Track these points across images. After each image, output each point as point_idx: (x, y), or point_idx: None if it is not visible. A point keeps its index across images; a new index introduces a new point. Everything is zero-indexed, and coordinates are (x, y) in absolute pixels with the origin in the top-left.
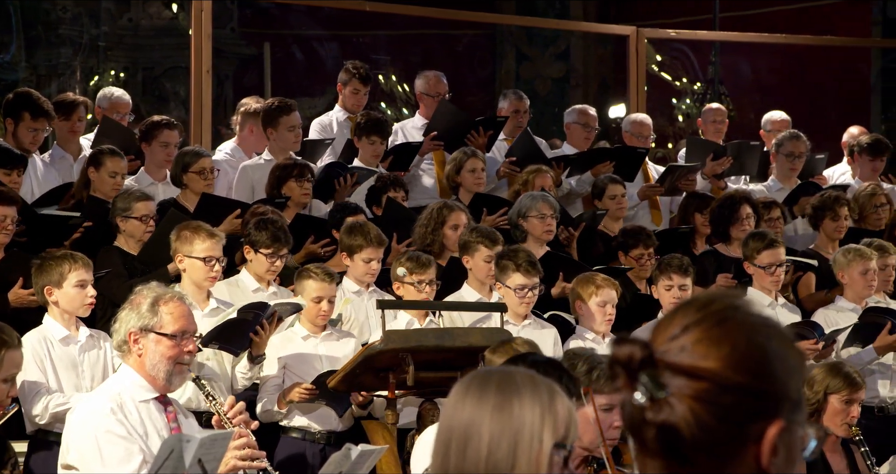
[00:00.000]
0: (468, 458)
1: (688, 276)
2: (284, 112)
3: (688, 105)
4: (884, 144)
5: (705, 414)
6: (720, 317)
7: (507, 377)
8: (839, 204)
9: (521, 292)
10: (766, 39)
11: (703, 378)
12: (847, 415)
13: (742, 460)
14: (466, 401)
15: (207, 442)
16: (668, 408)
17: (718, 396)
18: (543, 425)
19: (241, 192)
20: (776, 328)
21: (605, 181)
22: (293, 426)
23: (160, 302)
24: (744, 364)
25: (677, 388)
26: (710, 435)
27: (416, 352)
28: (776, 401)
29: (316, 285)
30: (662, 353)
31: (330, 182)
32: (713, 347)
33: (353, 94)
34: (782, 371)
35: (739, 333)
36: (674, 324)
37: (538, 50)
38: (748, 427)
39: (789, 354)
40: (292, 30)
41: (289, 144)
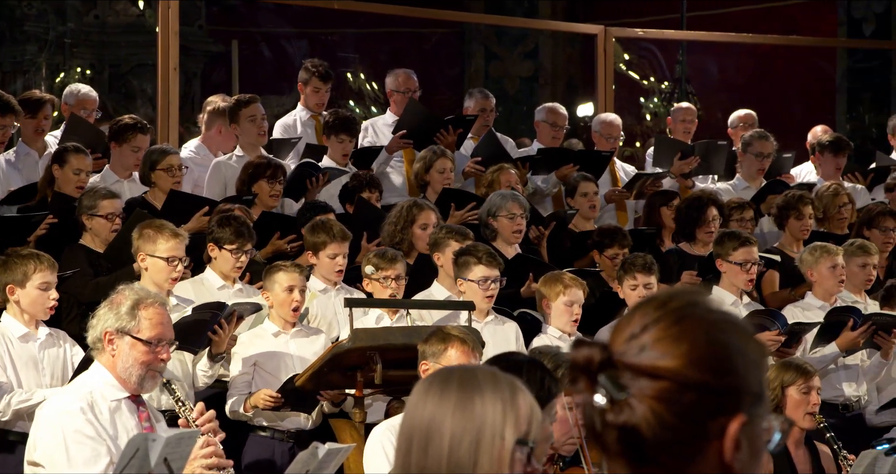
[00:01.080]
0: (430, 456)
1: (652, 275)
2: (243, 105)
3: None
4: (844, 142)
5: (666, 413)
6: (679, 314)
7: (468, 374)
8: (803, 203)
9: (484, 284)
10: (733, 39)
11: (662, 377)
12: (808, 404)
13: (705, 457)
14: (428, 399)
15: (173, 441)
16: (628, 410)
17: (679, 395)
18: (505, 422)
19: (214, 189)
20: (735, 322)
21: (577, 179)
22: (261, 425)
23: (141, 305)
24: (703, 361)
25: (637, 389)
26: (672, 434)
27: (384, 350)
28: (737, 396)
29: (286, 276)
30: (621, 354)
31: (302, 181)
32: (672, 346)
33: (314, 92)
34: (743, 365)
35: (698, 330)
36: (633, 323)
37: (507, 49)
38: (710, 423)
39: (749, 348)
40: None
41: (253, 136)
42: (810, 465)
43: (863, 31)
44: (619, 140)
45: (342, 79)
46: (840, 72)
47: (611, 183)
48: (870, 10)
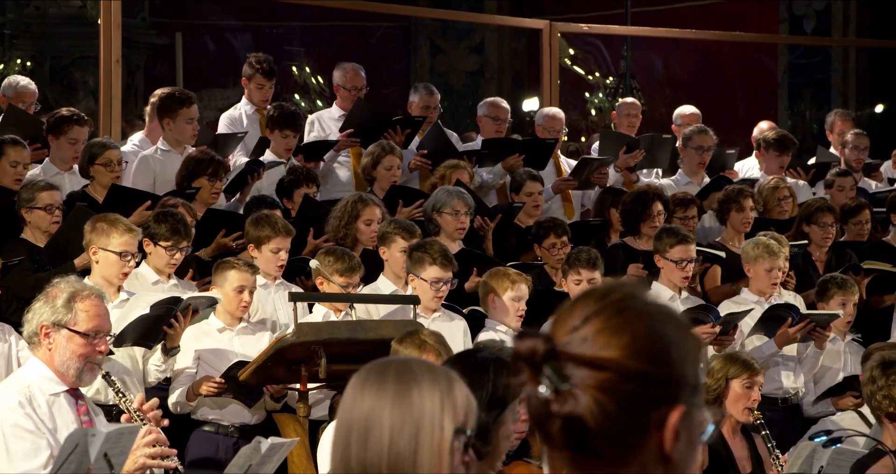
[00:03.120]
0: (370, 449)
1: (596, 270)
2: (185, 104)
3: (600, 99)
4: (789, 140)
5: (609, 403)
6: (619, 306)
7: (404, 366)
8: (743, 196)
9: (436, 285)
10: (677, 34)
11: (605, 368)
12: (748, 399)
13: (646, 447)
14: (365, 392)
15: (114, 437)
16: (572, 400)
17: (621, 385)
18: (443, 412)
19: (142, 183)
20: (672, 315)
21: (523, 177)
22: (205, 419)
23: (77, 298)
24: (644, 352)
25: (580, 379)
26: (615, 425)
27: (329, 344)
28: (677, 387)
29: (238, 275)
30: (564, 345)
31: (244, 177)
32: (614, 337)
33: (257, 89)
34: (680, 357)
35: (638, 322)
36: (574, 315)
37: (452, 43)
38: (651, 414)
39: (686, 340)
40: (205, 20)
41: (186, 137)
42: (747, 451)
43: (804, 27)
44: (563, 133)
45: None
46: (781, 68)
47: (555, 175)
48: (810, 7)
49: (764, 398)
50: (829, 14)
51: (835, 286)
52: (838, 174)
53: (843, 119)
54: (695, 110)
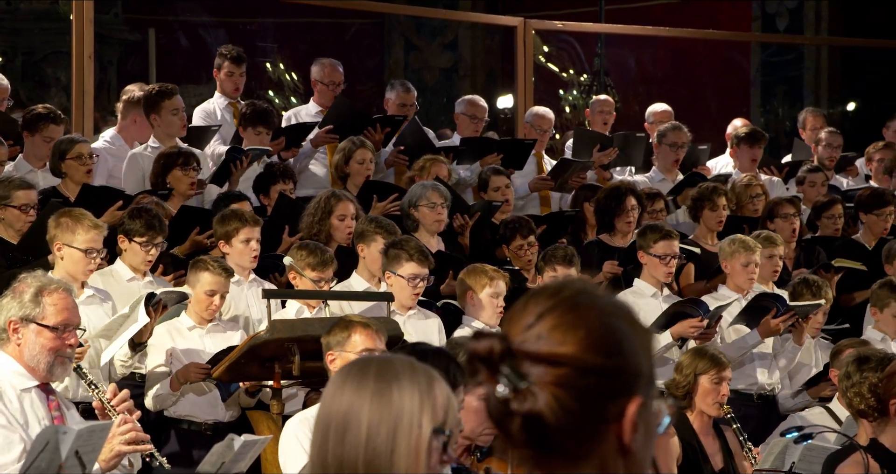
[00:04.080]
0: (347, 445)
1: (572, 267)
2: (166, 96)
3: (574, 96)
4: (760, 134)
5: (568, 398)
6: (572, 302)
7: (385, 364)
8: (717, 194)
9: (413, 281)
10: (650, 32)
11: (562, 363)
12: (717, 394)
13: (605, 440)
14: (345, 389)
15: (85, 434)
16: (531, 397)
17: (578, 379)
18: (422, 411)
19: (132, 182)
20: (624, 308)
21: (488, 173)
22: (179, 417)
23: (44, 292)
24: (599, 345)
25: (538, 376)
26: (574, 419)
27: (302, 341)
28: (633, 379)
29: (211, 278)
30: (520, 343)
31: (227, 166)
32: (569, 332)
33: (227, 77)
34: (634, 349)
35: (592, 316)
36: (527, 313)
37: (426, 40)
38: (609, 406)
39: (638, 332)
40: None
41: (174, 129)
42: (719, 446)
43: (776, 25)
44: (549, 132)
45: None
46: (754, 65)
47: (537, 174)
48: (783, 5)
49: (739, 393)
50: (802, 12)
51: (808, 292)
52: (810, 170)
53: (815, 116)
54: (667, 108)
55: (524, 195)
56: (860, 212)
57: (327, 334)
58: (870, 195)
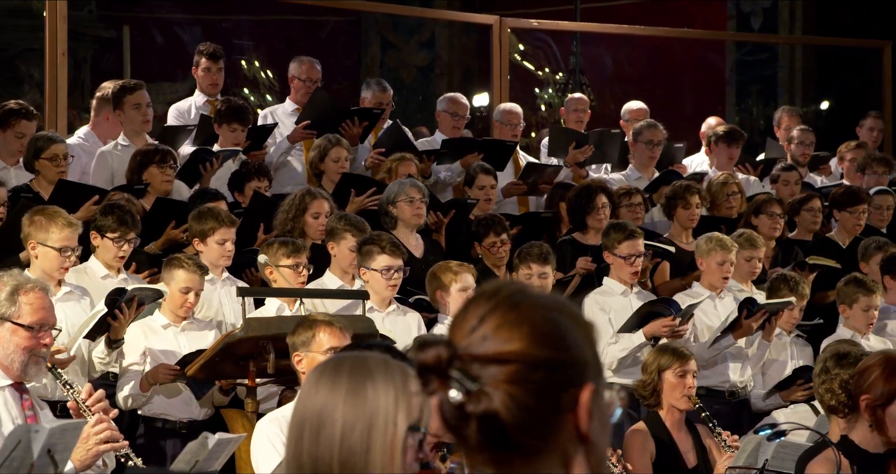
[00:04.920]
0: (322, 444)
1: (548, 264)
2: (128, 91)
3: (550, 94)
4: (738, 133)
5: (522, 394)
6: (512, 300)
7: (359, 362)
8: (690, 192)
9: (387, 273)
10: (626, 31)
11: (511, 360)
12: (684, 388)
13: (562, 431)
14: (320, 388)
15: (58, 433)
16: (485, 398)
17: (529, 374)
18: (397, 408)
19: (100, 179)
20: (563, 303)
21: (476, 170)
22: (153, 415)
23: (20, 291)
24: (545, 338)
25: (490, 377)
26: (531, 414)
27: (277, 339)
28: (581, 367)
29: (186, 275)
30: (466, 347)
31: (195, 167)
32: (514, 329)
33: (205, 73)
34: (578, 340)
35: (534, 312)
36: (469, 317)
37: (403, 38)
38: (563, 396)
39: (579, 325)
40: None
41: (137, 124)
42: (692, 444)
43: (751, 24)
44: (520, 128)
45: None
46: (729, 64)
47: (514, 172)
48: (757, 4)
49: (711, 391)
50: (776, 11)
51: (786, 288)
52: (783, 169)
53: (790, 115)
54: (642, 105)
55: (499, 201)
56: (834, 209)
57: (292, 334)
58: (844, 193)
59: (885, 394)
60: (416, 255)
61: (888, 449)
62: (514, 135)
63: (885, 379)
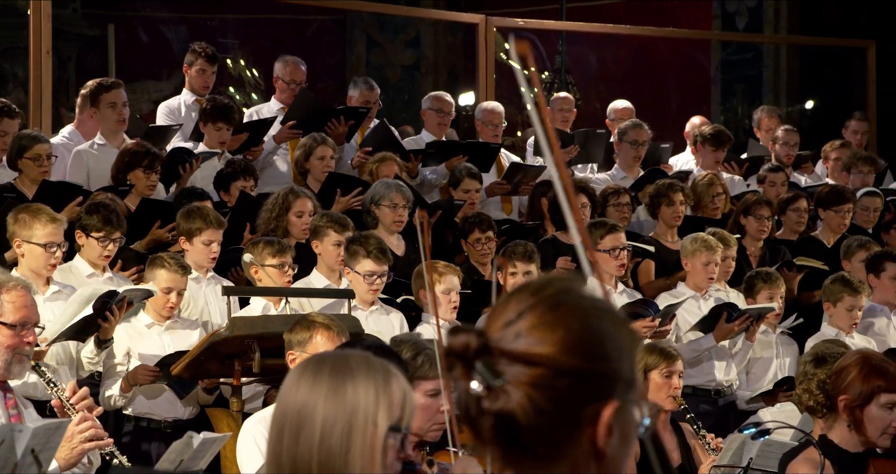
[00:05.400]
0: (301, 444)
1: (532, 263)
2: (104, 89)
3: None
4: (726, 136)
5: (542, 399)
6: (554, 301)
7: (341, 360)
8: (673, 190)
9: (370, 278)
10: (611, 30)
11: (538, 364)
12: (670, 388)
13: (578, 443)
14: (300, 386)
15: (41, 432)
16: (504, 396)
17: (554, 381)
18: (378, 408)
19: (76, 178)
20: (609, 310)
21: (462, 173)
22: (138, 415)
23: (2, 289)
24: (578, 347)
25: (513, 375)
26: (547, 420)
27: (263, 338)
28: (610, 382)
29: (168, 276)
30: (498, 341)
31: (174, 167)
32: (548, 332)
33: (199, 74)
34: (616, 352)
35: (573, 317)
36: (508, 309)
37: (388, 37)
38: (584, 409)
39: (622, 335)
40: (138, 11)
41: (112, 123)
42: (676, 443)
43: (736, 24)
44: (502, 127)
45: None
46: (714, 64)
47: (496, 172)
48: (743, 4)
49: (696, 390)
50: (761, 11)
51: (761, 281)
52: (770, 169)
53: (770, 115)
54: (628, 104)
55: (483, 200)
56: (819, 208)
57: (289, 332)
58: (829, 192)
59: (862, 394)
60: (398, 254)
61: (867, 448)
62: (496, 135)
63: (862, 379)
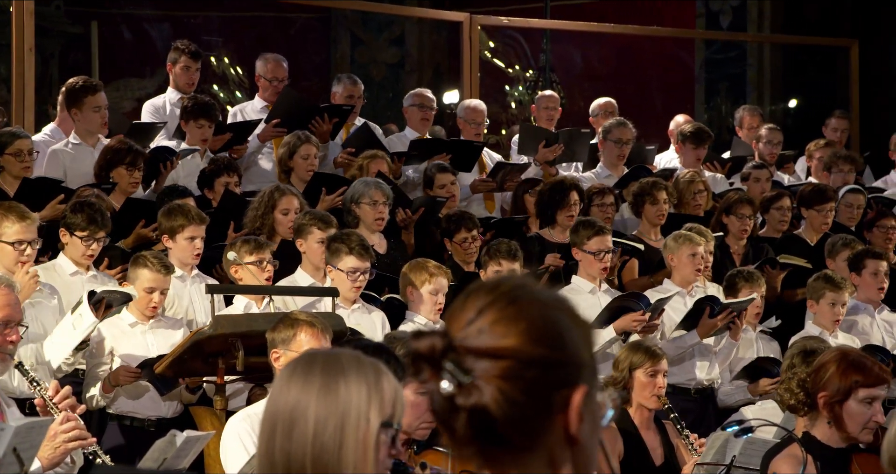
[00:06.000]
0: (294, 441)
1: (516, 261)
2: (89, 92)
3: (520, 92)
4: (706, 133)
5: (513, 390)
6: (511, 296)
7: (332, 358)
8: (657, 188)
9: (353, 275)
10: (596, 28)
11: (505, 356)
12: (654, 387)
13: (552, 431)
14: (292, 384)
15: (24, 431)
16: (476, 392)
17: (522, 371)
18: (370, 405)
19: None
20: (562, 301)
21: (433, 170)
22: (121, 413)
23: None
24: (541, 337)
25: (482, 371)
26: (521, 411)
27: (246, 336)
28: (576, 368)
29: (151, 275)
30: (462, 339)
31: (156, 165)
32: (510, 325)
33: (183, 71)
34: (576, 340)
35: (532, 309)
36: (467, 309)
37: (373, 35)
38: (554, 396)
39: (577, 324)
40: (121, 9)
41: (94, 126)
42: (659, 441)
43: (720, 23)
44: (484, 125)
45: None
46: (698, 62)
47: (478, 171)
48: (727, 3)
49: (677, 388)
50: (745, 10)
51: (742, 279)
52: (755, 167)
53: (752, 114)
54: (610, 100)
55: (466, 197)
56: (802, 207)
57: (272, 330)
58: (812, 190)
59: (841, 391)
60: (380, 251)
61: (849, 444)
62: (478, 133)
63: (840, 376)
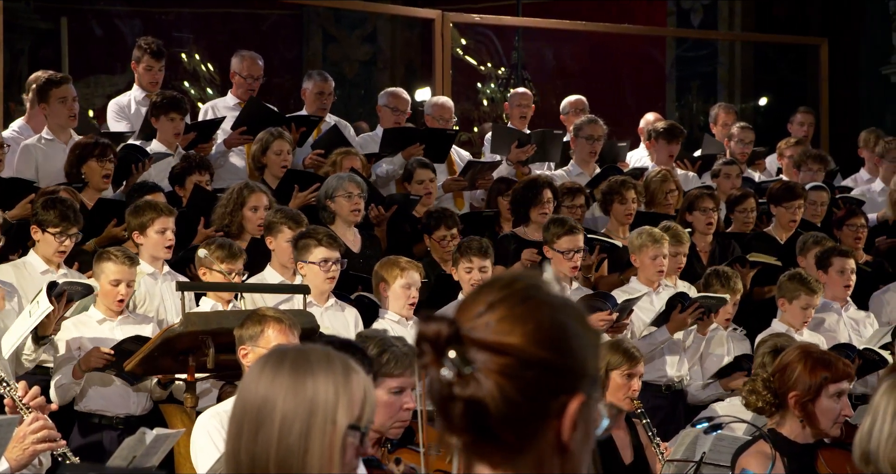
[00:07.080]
0: (259, 442)
1: (488, 258)
2: (54, 84)
3: (492, 89)
4: (678, 130)
5: (510, 388)
6: (523, 295)
7: (301, 355)
8: (626, 187)
9: (325, 265)
10: (568, 26)
11: (506, 353)
12: (629, 389)
13: (544, 435)
14: (261, 381)
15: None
16: (475, 384)
17: (522, 371)
18: (338, 405)
19: (25, 174)
20: (574, 307)
21: (413, 165)
22: (89, 411)
23: None
24: (546, 340)
25: (483, 364)
26: (515, 410)
27: (217, 334)
28: (577, 377)
29: (115, 267)
30: (469, 330)
31: (127, 166)
32: (517, 324)
33: (146, 71)
34: (581, 348)
35: (542, 311)
36: (479, 301)
37: (345, 32)
38: (551, 401)
39: (586, 332)
40: (92, 5)
41: (63, 118)
42: (629, 440)
43: (691, 21)
44: (453, 122)
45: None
46: (669, 60)
47: (447, 170)
48: (698, 1)
49: (647, 385)
50: (716, 8)
51: (718, 284)
52: (725, 163)
53: (727, 112)
54: (580, 97)
55: (438, 196)
56: (771, 204)
57: (240, 327)
58: (781, 188)
59: (812, 388)
60: (354, 250)
61: (816, 440)
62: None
63: (809, 373)
